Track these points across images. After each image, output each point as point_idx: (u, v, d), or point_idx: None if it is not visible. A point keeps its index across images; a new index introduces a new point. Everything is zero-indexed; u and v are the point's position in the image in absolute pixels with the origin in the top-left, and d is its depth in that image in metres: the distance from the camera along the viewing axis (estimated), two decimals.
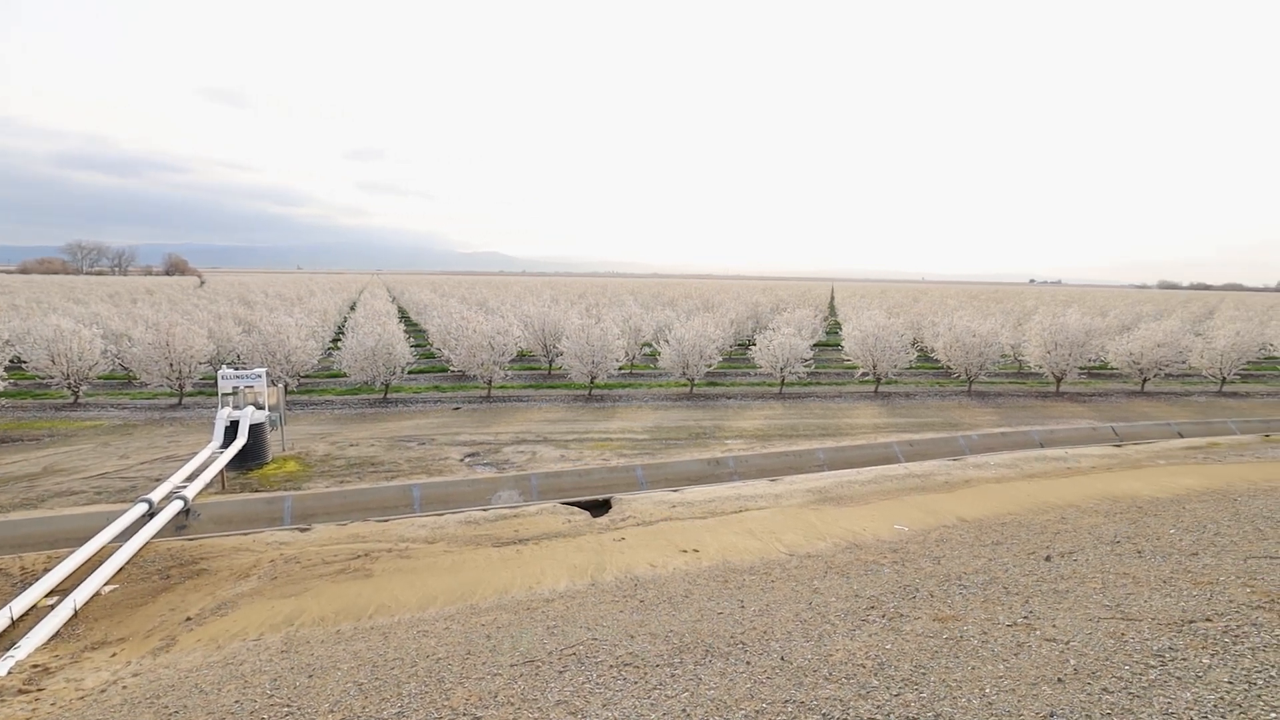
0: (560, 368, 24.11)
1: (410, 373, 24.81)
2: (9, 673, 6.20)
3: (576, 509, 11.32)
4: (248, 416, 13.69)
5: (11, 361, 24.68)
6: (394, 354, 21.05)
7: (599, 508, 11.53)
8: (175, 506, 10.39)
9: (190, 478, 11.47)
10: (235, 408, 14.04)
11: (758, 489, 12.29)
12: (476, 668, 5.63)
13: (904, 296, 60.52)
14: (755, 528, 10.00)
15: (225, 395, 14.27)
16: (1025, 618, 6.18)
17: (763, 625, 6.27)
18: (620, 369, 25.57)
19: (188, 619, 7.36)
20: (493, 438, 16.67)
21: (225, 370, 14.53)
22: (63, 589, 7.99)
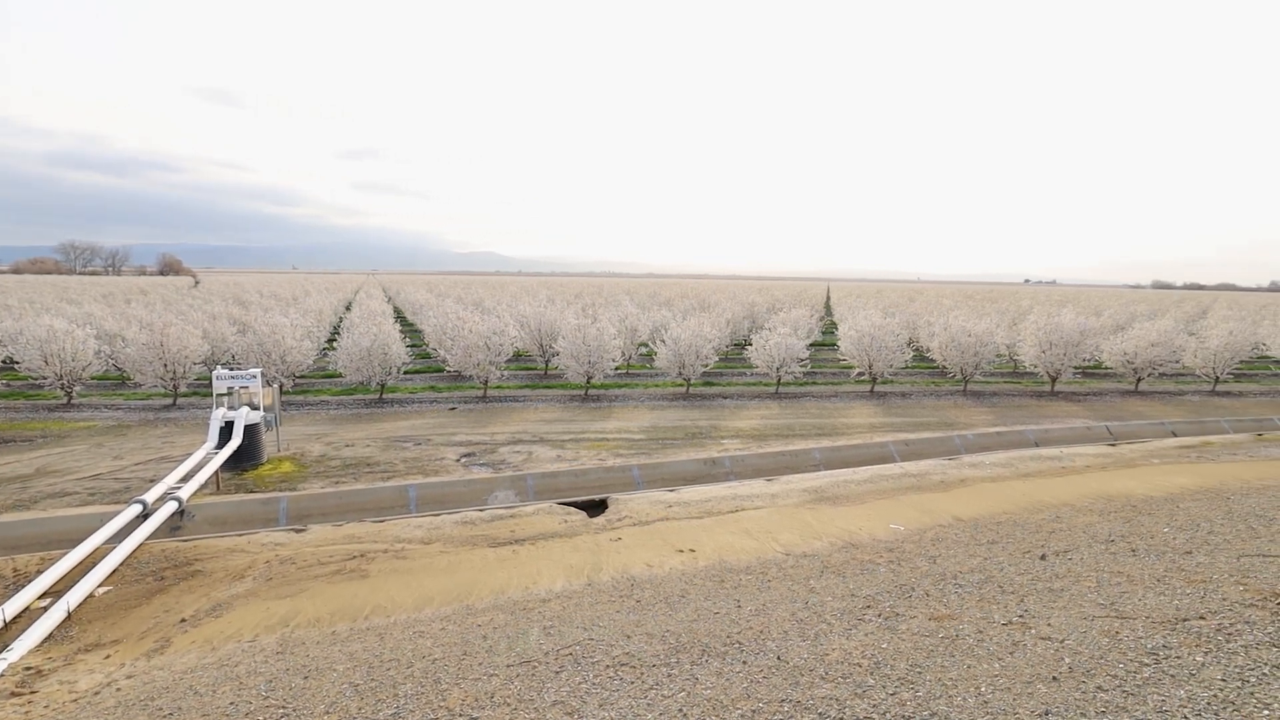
0: (556, 368, 24.10)
1: (406, 373, 24.75)
2: (2, 675, 6.17)
3: (573, 509, 11.31)
4: (243, 417, 13.64)
5: (4, 362, 24.60)
6: (390, 354, 21.00)
7: (595, 508, 11.53)
8: (170, 508, 10.34)
9: (185, 479, 11.42)
10: (230, 408, 13.99)
11: (754, 489, 12.30)
12: (473, 668, 5.62)
13: (899, 296, 60.69)
14: (751, 527, 10.01)
15: (220, 396, 14.22)
16: (1020, 616, 6.21)
17: (759, 625, 6.28)
18: (616, 369, 25.57)
19: (182, 620, 7.33)
20: (489, 438, 16.65)
21: (220, 371, 14.47)
22: (56, 591, 7.95)
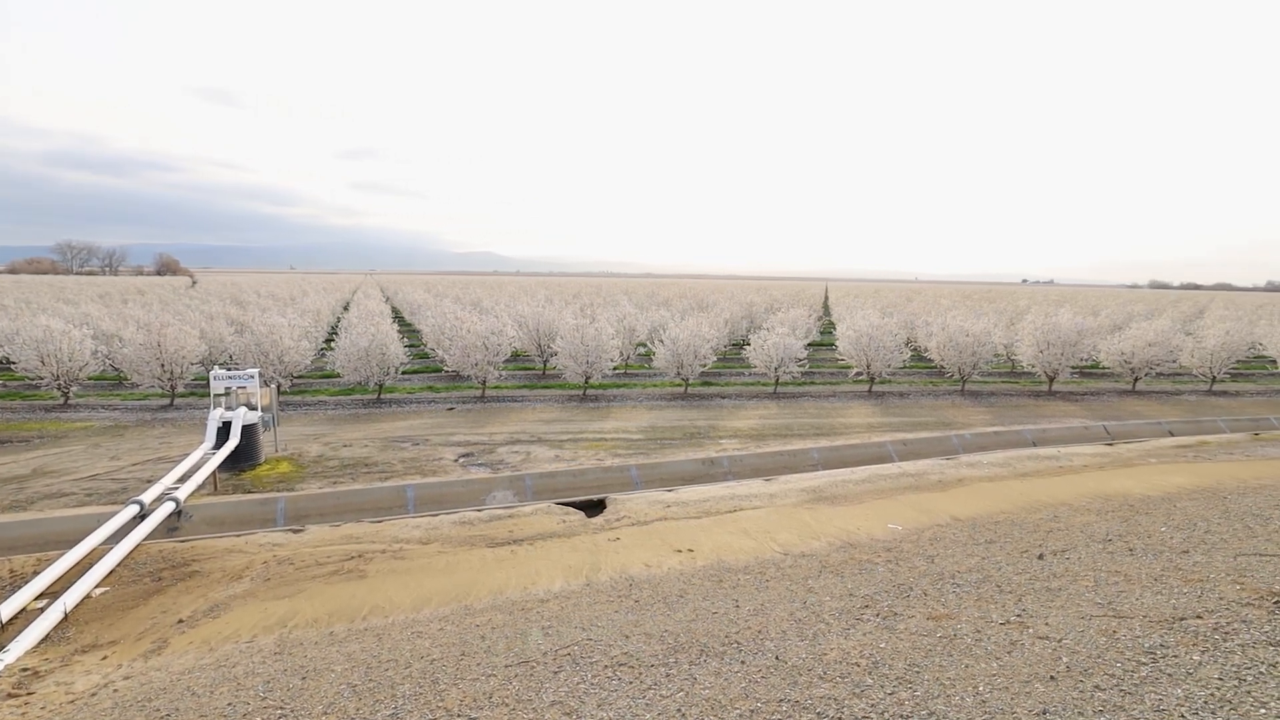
0: (555, 368, 24.09)
1: (404, 373, 24.73)
2: None
3: (571, 509, 11.30)
4: (240, 417, 13.61)
5: (1, 362, 24.50)
6: (388, 354, 20.98)
7: (594, 508, 11.52)
8: (167, 508, 10.32)
9: (182, 479, 11.39)
10: (228, 408, 13.96)
11: (752, 488, 12.31)
12: (471, 669, 5.62)
13: (897, 296, 60.79)
14: (750, 527, 10.02)
15: (217, 396, 14.19)
16: (1018, 616, 6.22)
17: (757, 625, 6.29)
18: (615, 369, 25.57)
19: (180, 621, 7.31)
20: (487, 438, 16.64)
21: (217, 371, 14.45)
22: (53, 592, 7.92)
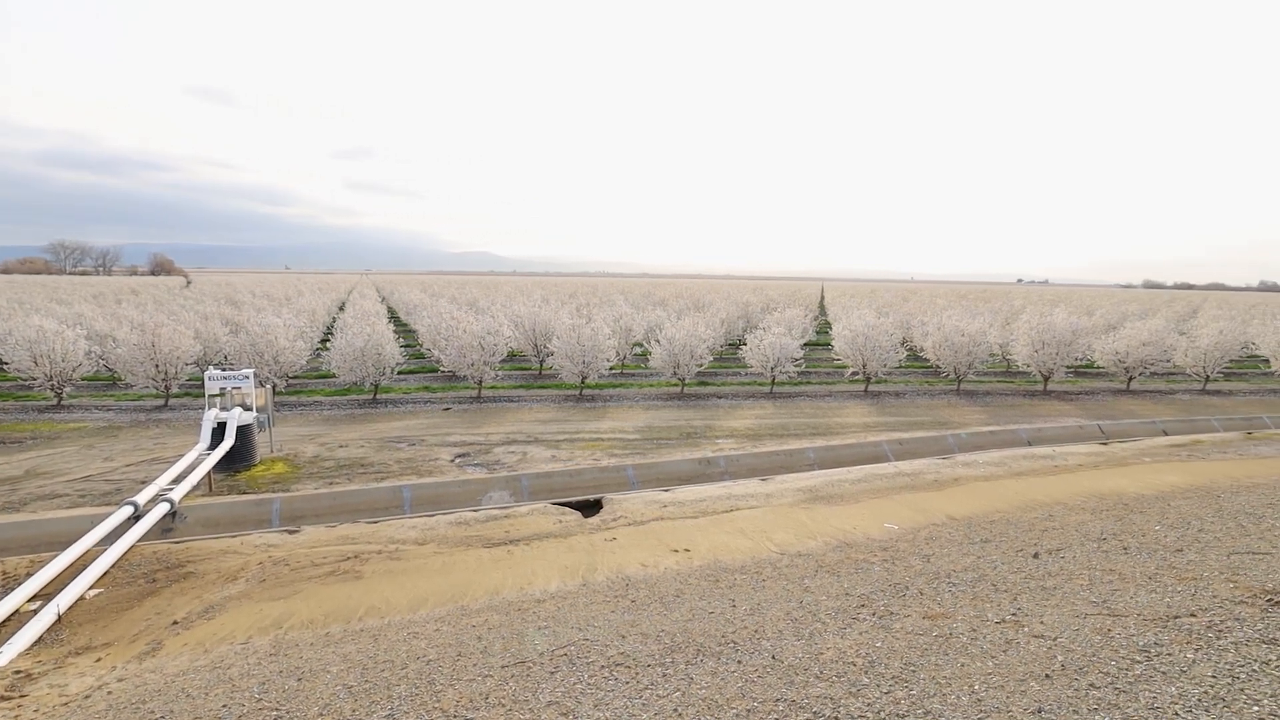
0: (551, 368, 24.07)
1: (400, 373, 24.68)
2: None
3: (568, 509, 11.29)
4: (235, 418, 13.56)
5: None
6: (383, 354, 20.93)
7: (590, 508, 11.52)
8: (161, 509, 10.27)
9: (177, 480, 11.34)
10: (222, 409, 13.90)
11: (749, 488, 12.32)
12: (467, 669, 5.61)
13: (893, 296, 60.93)
14: (746, 527, 10.03)
15: (212, 396, 14.13)
16: (1014, 615, 6.24)
17: (754, 624, 6.29)
18: (611, 369, 25.57)
19: (174, 623, 7.28)
20: (483, 438, 16.61)
21: (212, 371, 14.38)
22: (46, 593, 7.88)
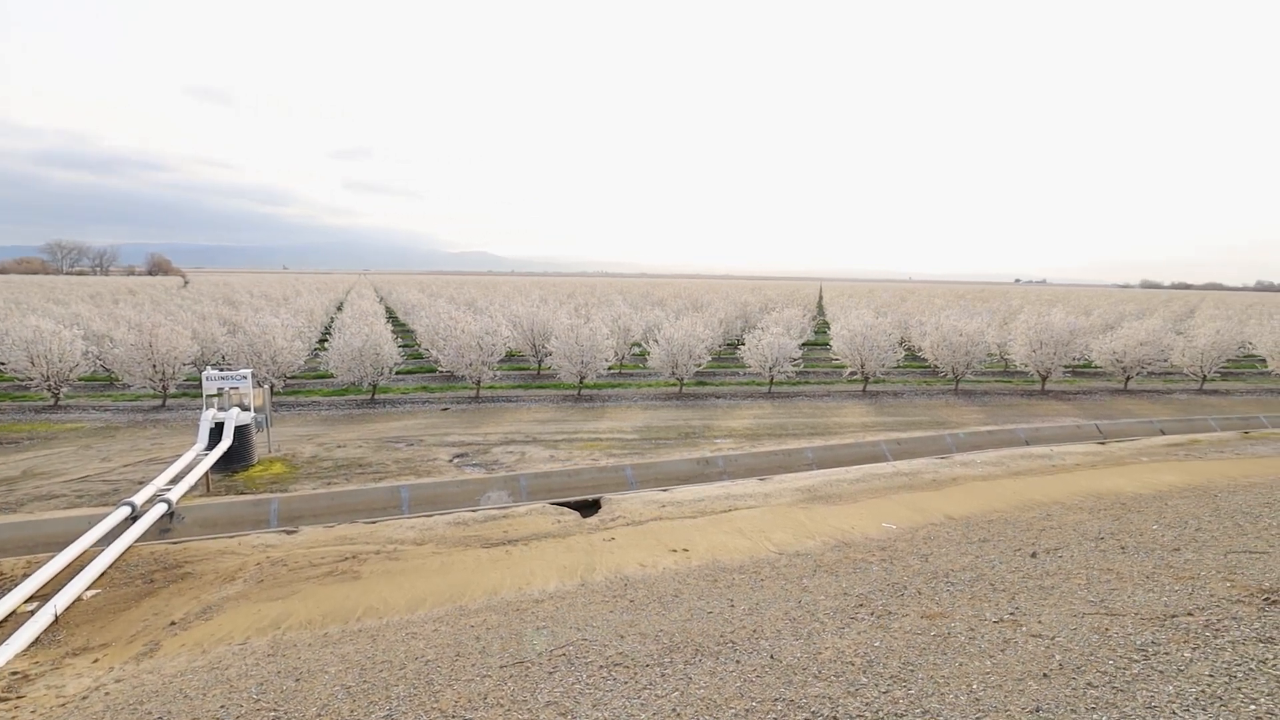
0: (549, 368, 24.06)
1: (398, 373, 24.66)
2: None
3: (566, 509, 11.29)
4: (233, 418, 13.53)
5: None
6: (381, 354, 20.91)
7: (588, 508, 11.51)
8: (159, 510, 10.24)
9: (174, 480, 11.32)
10: (220, 409, 13.87)
11: (747, 488, 12.32)
12: (466, 669, 5.61)
13: (891, 296, 61.00)
14: (744, 527, 10.03)
15: (210, 397, 14.10)
16: (1011, 614, 6.25)
17: (752, 624, 6.30)
18: (609, 369, 25.57)
19: (172, 623, 7.27)
20: (481, 438, 16.60)
21: (210, 371, 14.36)
22: (43, 594, 7.85)
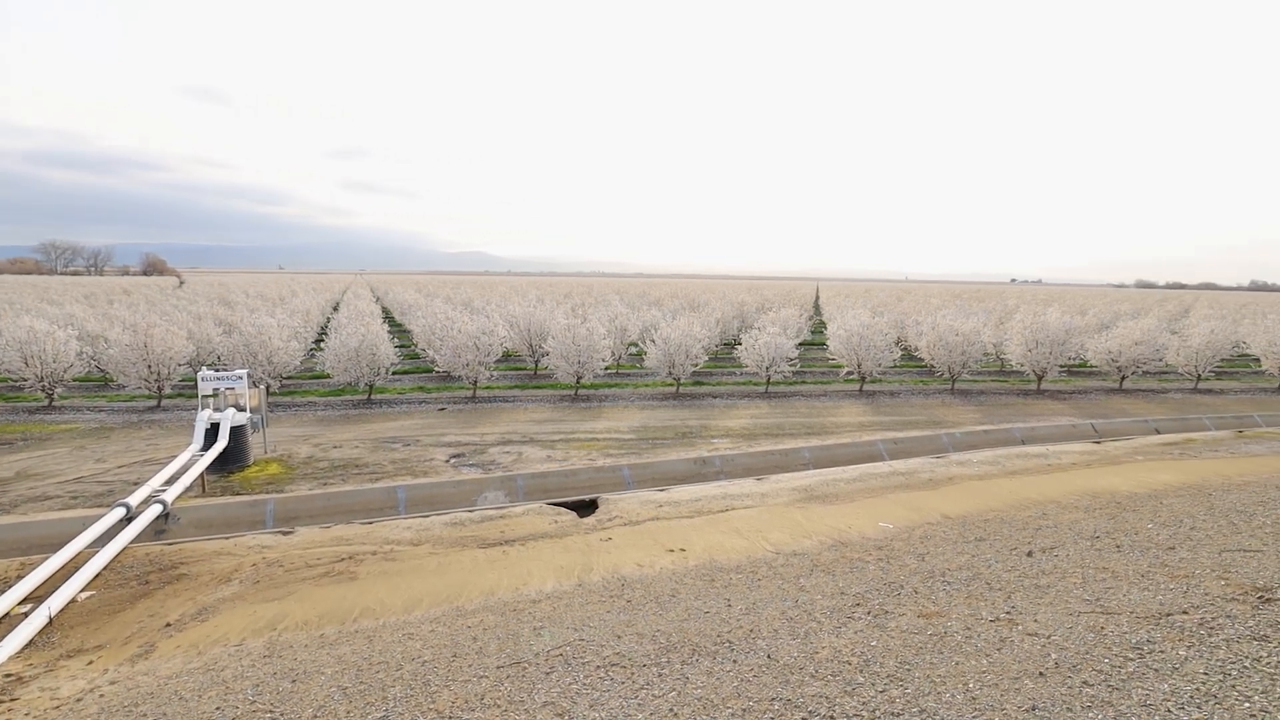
0: (546, 368, 24.04)
1: (395, 373, 24.60)
2: None
3: (563, 509, 11.28)
4: (228, 418, 13.49)
5: None
6: (378, 354, 20.86)
7: (586, 508, 11.51)
8: (154, 510, 10.20)
9: (169, 481, 11.28)
10: (216, 410, 13.83)
11: (744, 488, 12.33)
12: (463, 670, 5.60)
13: (888, 296, 61.13)
14: (742, 526, 10.04)
15: (205, 397, 14.05)
16: (1008, 613, 6.27)
17: (749, 624, 6.30)
18: (606, 369, 25.55)
19: (167, 625, 7.24)
20: (478, 438, 16.58)
21: (205, 372, 14.30)
22: (37, 596, 7.82)
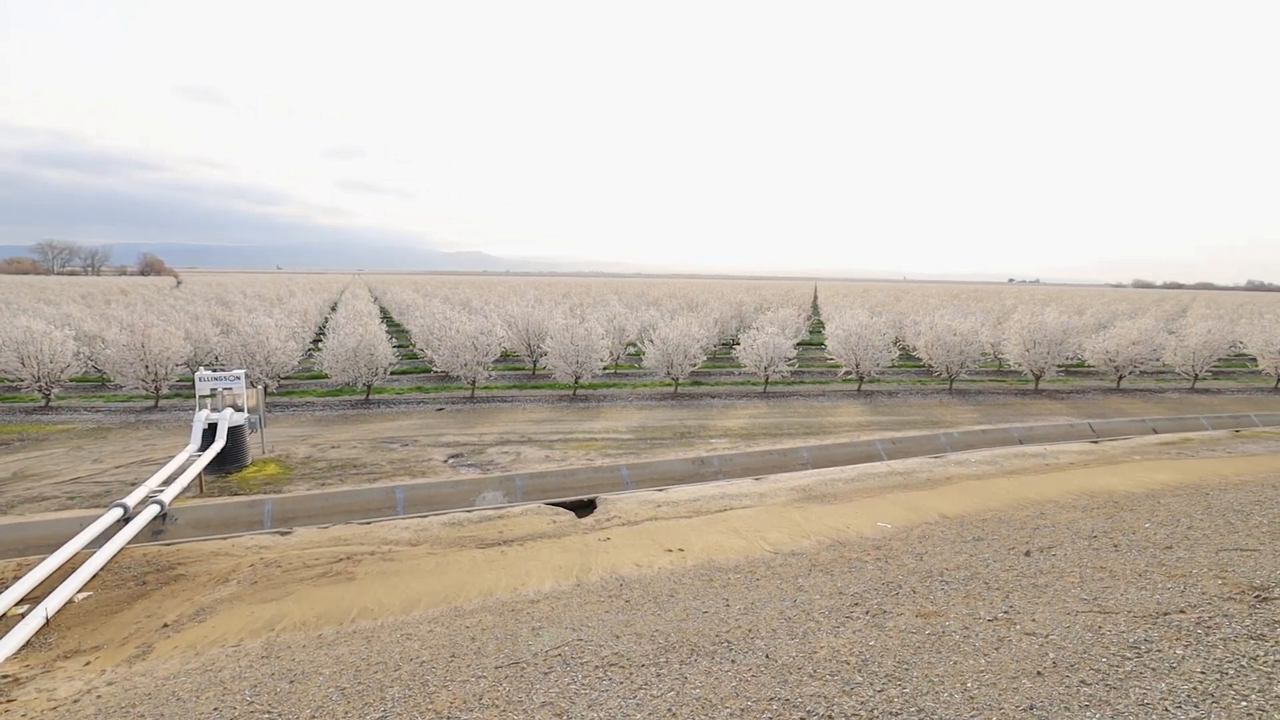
0: (544, 368, 24.02)
1: (393, 374, 24.57)
2: None
3: (561, 509, 11.28)
4: (226, 419, 13.46)
5: None
6: (376, 354, 20.83)
7: (584, 508, 11.50)
8: (151, 511, 10.18)
9: (167, 481, 11.25)
10: (213, 410, 13.80)
11: (742, 488, 12.33)
12: (461, 670, 5.60)
13: (886, 296, 61.20)
14: (740, 526, 10.04)
15: (203, 397, 14.02)
16: (1006, 612, 6.28)
17: (748, 624, 6.30)
18: (605, 369, 25.54)
19: (164, 626, 7.22)
20: (477, 439, 16.57)
21: (203, 372, 14.26)
22: (34, 597, 7.79)
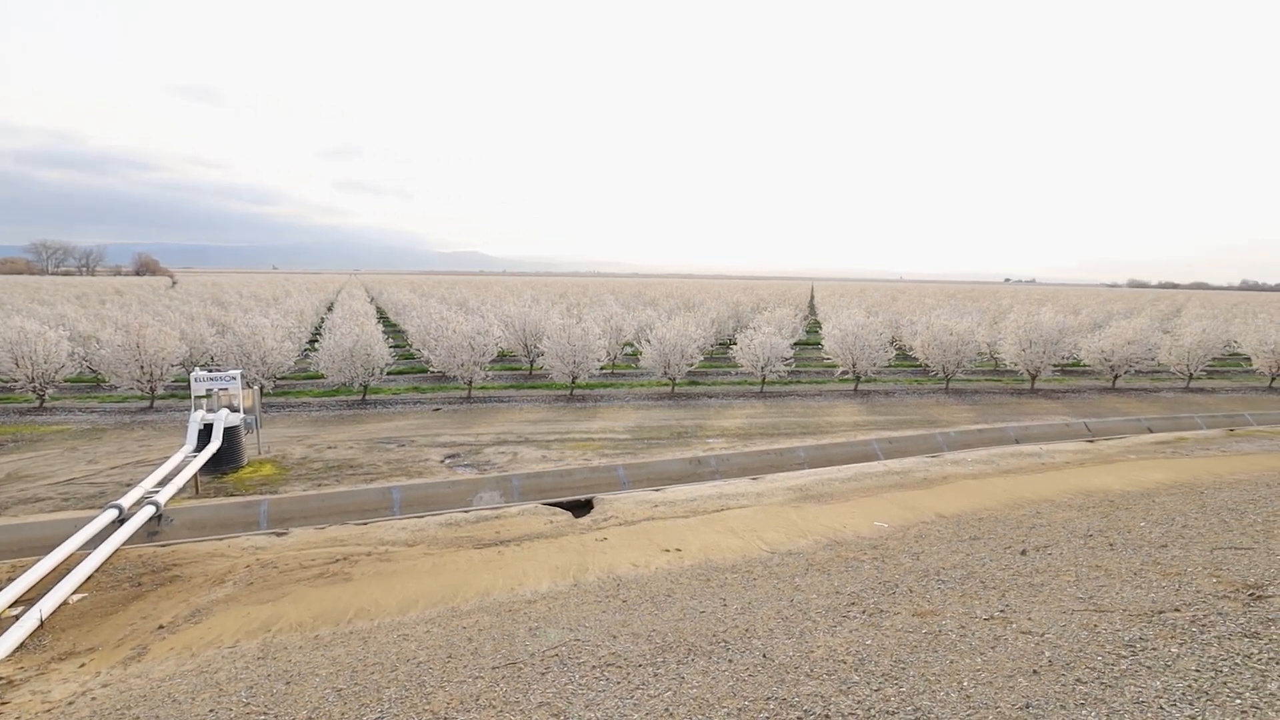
0: (541, 368, 24.01)
1: (389, 374, 24.52)
2: None
3: (558, 509, 11.27)
4: (222, 419, 13.42)
5: None
6: (372, 355, 20.79)
7: (581, 508, 11.50)
8: (146, 512, 10.14)
9: (162, 482, 11.21)
10: (209, 410, 13.76)
11: (739, 487, 12.35)
12: (458, 671, 5.59)
13: (883, 295, 61.30)
14: (737, 526, 10.05)
15: (199, 398, 13.98)
16: (1002, 611, 6.30)
17: (745, 623, 6.31)
18: (602, 369, 25.53)
19: (160, 627, 7.20)
20: (473, 439, 16.55)
21: (198, 372, 14.23)
22: (28, 598, 7.76)
